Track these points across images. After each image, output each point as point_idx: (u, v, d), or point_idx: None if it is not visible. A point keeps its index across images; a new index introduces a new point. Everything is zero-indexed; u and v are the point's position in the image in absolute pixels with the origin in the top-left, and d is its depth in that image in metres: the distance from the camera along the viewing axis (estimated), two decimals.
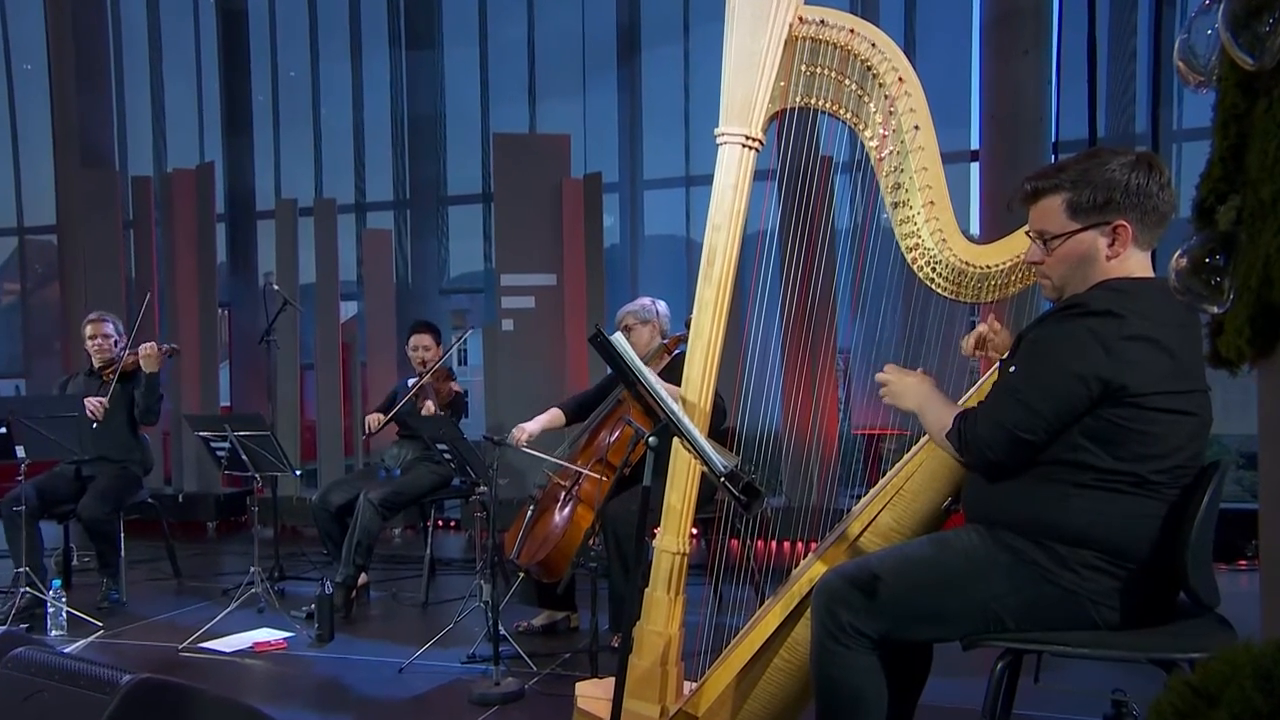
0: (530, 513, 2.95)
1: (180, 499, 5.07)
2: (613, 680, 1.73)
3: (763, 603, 1.85)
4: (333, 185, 5.81)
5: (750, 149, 1.82)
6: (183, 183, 5.31)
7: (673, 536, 1.85)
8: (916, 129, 1.77)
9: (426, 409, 3.53)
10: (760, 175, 1.85)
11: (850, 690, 1.53)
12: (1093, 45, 4.01)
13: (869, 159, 1.81)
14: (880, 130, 1.78)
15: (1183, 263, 1.18)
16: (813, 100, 1.82)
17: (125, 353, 3.63)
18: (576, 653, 2.76)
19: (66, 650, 1.70)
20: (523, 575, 2.99)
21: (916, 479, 1.74)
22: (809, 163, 1.89)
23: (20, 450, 3.22)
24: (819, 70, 1.81)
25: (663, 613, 1.83)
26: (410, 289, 5.61)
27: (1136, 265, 1.50)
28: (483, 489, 3.01)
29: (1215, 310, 1.20)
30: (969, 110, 4.28)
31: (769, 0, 1.77)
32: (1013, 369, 1.53)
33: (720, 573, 1.98)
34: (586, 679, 2.18)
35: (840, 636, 1.52)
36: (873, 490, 1.80)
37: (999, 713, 1.55)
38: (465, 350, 6.29)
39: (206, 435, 3.33)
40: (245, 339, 5.47)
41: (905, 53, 1.78)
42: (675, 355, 2.98)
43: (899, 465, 1.78)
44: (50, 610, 3.12)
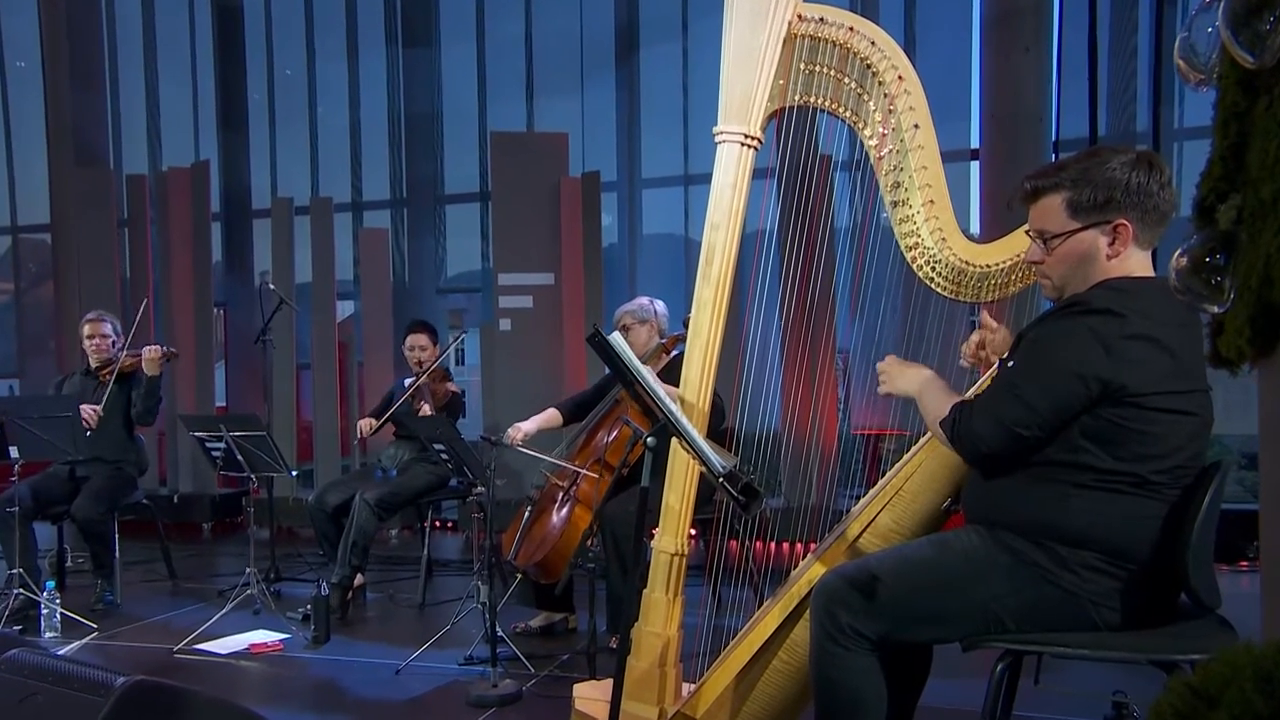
0: (528, 513, 2.94)
1: (175, 500, 5.05)
2: (611, 682, 1.72)
3: (761, 604, 1.85)
4: (329, 184, 5.79)
5: (749, 147, 1.81)
6: (178, 181, 5.28)
7: (671, 537, 1.85)
8: (916, 127, 1.76)
9: (422, 411, 3.52)
10: (759, 174, 1.85)
11: (849, 692, 1.53)
12: (1094, 43, 4.00)
13: (868, 157, 1.81)
14: (880, 129, 1.78)
15: (1183, 262, 1.17)
16: (812, 98, 1.82)
17: (123, 353, 3.61)
18: (574, 654, 2.75)
19: (60, 652, 1.69)
20: (520, 576, 2.98)
21: (916, 479, 1.73)
22: (808, 161, 1.88)
23: (14, 451, 3.20)
24: (818, 68, 1.80)
25: (661, 614, 1.83)
26: (407, 288, 5.59)
27: (1137, 264, 1.50)
28: (480, 490, 3.00)
29: (1215, 310, 1.19)
30: (969, 108, 4.27)
31: None
32: (1011, 364, 1.52)
33: (719, 574, 1.97)
34: (584, 680, 2.17)
35: (839, 638, 1.51)
36: (872, 491, 1.79)
37: (999, 714, 1.55)
38: (463, 350, 6.27)
39: (202, 435, 3.32)
40: (241, 338, 5.45)
41: (905, 50, 1.78)
42: (673, 355, 2.97)
43: (898, 466, 1.78)
44: (44, 612, 3.10)
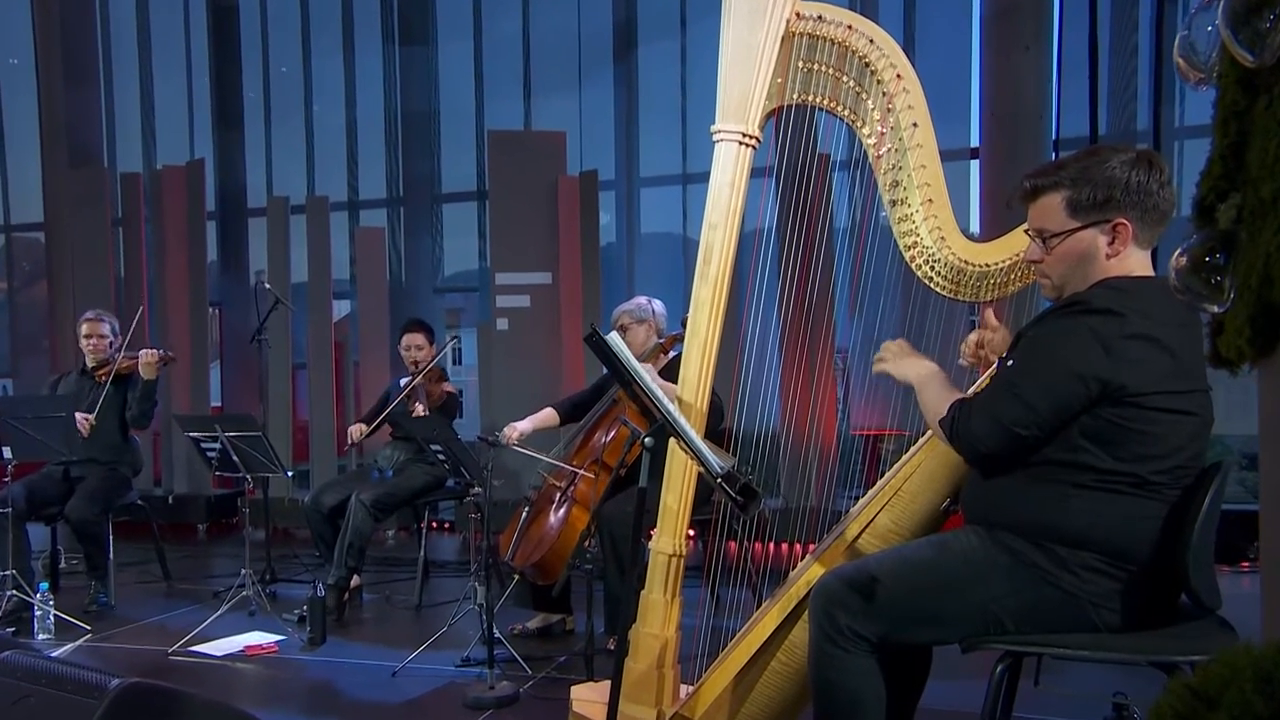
0: (525, 514, 2.92)
1: (170, 500, 5.04)
2: (608, 683, 1.71)
3: (760, 605, 1.84)
4: (325, 182, 5.76)
5: (747, 146, 1.80)
6: (173, 180, 5.26)
7: (669, 538, 1.84)
8: (915, 126, 1.75)
9: (416, 412, 3.51)
10: (757, 173, 1.84)
11: (848, 693, 1.52)
12: (1094, 41, 3.99)
13: (867, 156, 1.80)
14: (878, 127, 1.77)
15: (1183, 261, 1.17)
16: (810, 97, 1.81)
17: (120, 354, 3.59)
18: (572, 656, 2.74)
19: (54, 654, 1.68)
20: (517, 577, 2.97)
21: (915, 480, 1.73)
22: (806, 160, 1.87)
23: (7, 451, 3.18)
24: (816, 67, 1.80)
25: (659, 615, 1.82)
26: (404, 288, 5.57)
27: (1136, 264, 1.49)
28: (477, 490, 2.99)
29: (1215, 309, 1.18)
30: (969, 107, 4.26)
31: None
32: (1010, 364, 1.51)
33: (717, 575, 1.96)
34: (582, 682, 2.17)
35: (838, 639, 1.51)
36: (871, 491, 1.79)
37: (999, 716, 1.54)
38: (459, 350, 6.26)
39: (197, 436, 3.30)
40: (236, 338, 5.43)
41: (904, 48, 1.77)
42: (672, 355, 2.97)
43: (897, 466, 1.77)
44: (37, 613, 3.09)
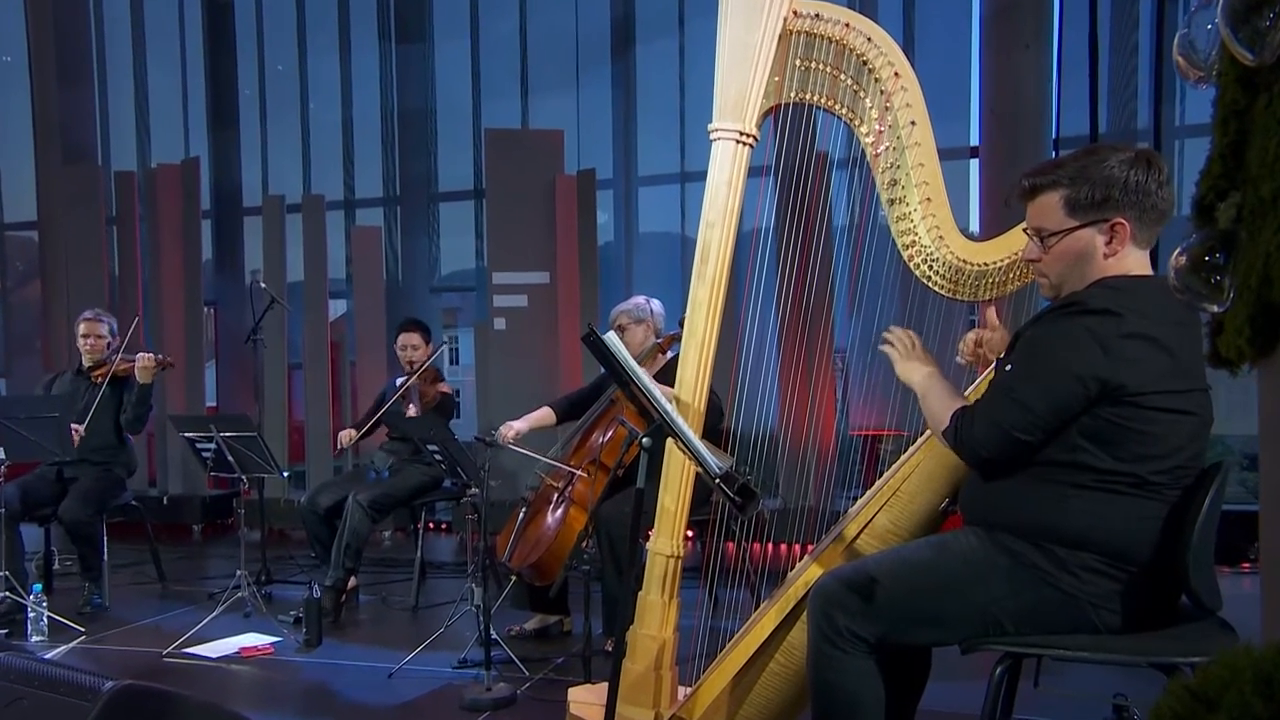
0: (522, 515, 2.92)
1: (165, 501, 5.01)
2: (606, 685, 1.71)
3: (758, 606, 1.84)
4: (321, 181, 5.74)
5: (745, 145, 1.80)
6: (167, 178, 5.24)
7: (667, 539, 1.83)
8: (913, 125, 1.75)
9: (409, 412, 3.49)
10: (755, 171, 1.83)
11: (847, 695, 1.51)
12: (1094, 40, 3.98)
13: (865, 155, 1.79)
14: (876, 126, 1.76)
15: (1182, 261, 1.16)
16: (808, 95, 1.81)
17: (117, 356, 3.57)
18: (569, 657, 2.73)
19: (47, 656, 1.67)
20: (515, 578, 2.96)
21: (914, 480, 1.72)
22: (804, 159, 1.87)
23: (0, 452, 3.16)
24: (814, 65, 1.79)
25: (657, 616, 1.82)
26: (400, 287, 5.56)
27: (1135, 263, 1.49)
28: (474, 491, 2.98)
29: (1215, 309, 1.18)
30: (969, 105, 4.26)
31: None
32: (1009, 367, 1.51)
33: (715, 576, 1.96)
34: (579, 684, 2.16)
35: (837, 640, 1.50)
36: (869, 492, 1.78)
37: (998, 717, 1.54)
38: (456, 349, 6.25)
39: (192, 436, 3.28)
40: (231, 338, 5.41)
41: (904, 47, 1.76)
42: (670, 355, 2.96)
43: (896, 466, 1.77)
44: (31, 615, 3.07)
